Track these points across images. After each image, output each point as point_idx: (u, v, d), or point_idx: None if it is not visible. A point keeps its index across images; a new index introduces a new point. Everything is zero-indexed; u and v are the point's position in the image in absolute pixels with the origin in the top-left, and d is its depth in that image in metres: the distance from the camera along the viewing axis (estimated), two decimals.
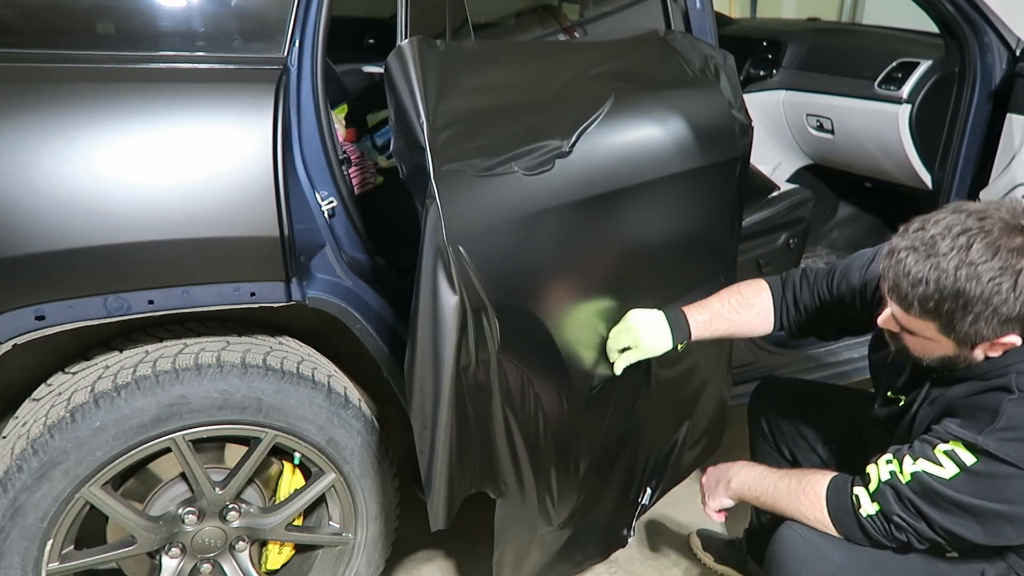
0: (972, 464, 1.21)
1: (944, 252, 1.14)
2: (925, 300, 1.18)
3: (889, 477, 1.29)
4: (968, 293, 1.13)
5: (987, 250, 1.12)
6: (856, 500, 1.32)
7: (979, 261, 1.12)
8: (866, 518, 1.30)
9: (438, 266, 1.20)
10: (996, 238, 1.12)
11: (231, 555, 1.63)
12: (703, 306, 1.60)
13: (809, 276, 1.59)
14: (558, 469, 1.56)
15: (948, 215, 1.18)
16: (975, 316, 1.15)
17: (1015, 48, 2.30)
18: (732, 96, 1.74)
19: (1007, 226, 1.13)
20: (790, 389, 1.88)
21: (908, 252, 1.18)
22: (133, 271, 1.32)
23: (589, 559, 1.90)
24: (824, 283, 1.57)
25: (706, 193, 1.73)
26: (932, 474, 1.24)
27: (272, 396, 1.49)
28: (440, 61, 1.24)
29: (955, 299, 1.15)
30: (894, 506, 1.27)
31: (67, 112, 1.26)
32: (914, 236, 1.19)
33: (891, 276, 1.21)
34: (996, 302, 1.13)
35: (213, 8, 1.46)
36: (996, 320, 1.15)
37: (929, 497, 1.24)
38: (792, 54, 2.96)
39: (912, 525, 1.27)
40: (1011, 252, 1.12)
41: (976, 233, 1.13)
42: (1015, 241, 1.12)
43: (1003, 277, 1.12)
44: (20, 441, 1.38)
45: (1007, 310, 1.14)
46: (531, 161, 1.32)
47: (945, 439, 1.25)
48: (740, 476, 1.51)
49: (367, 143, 2.11)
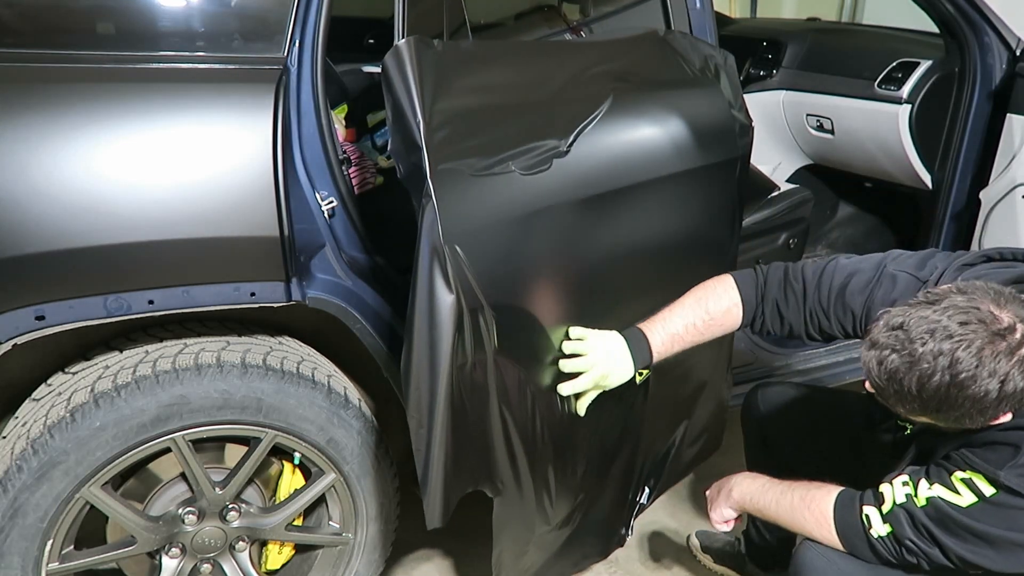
0: (992, 495, 1.20)
1: (927, 361, 1.12)
2: (906, 403, 1.18)
3: (905, 500, 1.26)
4: (951, 401, 1.14)
5: (972, 359, 1.10)
6: (867, 520, 1.29)
7: (963, 371, 1.11)
8: (876, 539, 1.28)
9: (434, 265, 1.20)
10: (980, 347, 1.11)
11: (231, 555, 1.63)
12: (664, 327, 1.47)
13: (796, 289, 1.46)
14: (555, 468, 1.56)
15: (929, 312, 1.15)
16: (960, 415, 1.16)
17: (1015, 48, 2.30)
18: (732, 96, 1.74)
19: (989, 332, 1.11)
20: (782, 394, 1.86)
21: (890, 352, 1.16)
22: (133, 271, 1.32)
23: (588, 558, 1.90)
24: (816, 301, 1.44)
25: (706, 193, 1.73)
26: (948, 501, 1.22)
27: (272, 396, 1.49)
28: (437, 61, 1.24)
29: (939, 404, 1.15)
30: (907, 530, 1.25)
31: (67, 112, 1.26)
32: (894, 335, 1.16)
33: (874, 376, 1.20)
34: (981, 406, 1.13)
35: (213, 8, 1.46)
36: (982, 418, 1.16)
37: (944, 524, 1.23)
38: (792, 54, 2.96)
39: (924, 551, 1.25)
40: (995, 359, 1.10)
41: (959, 341, 1.11)
42: (999, 347, 1.11)
43: (989, 384, 1.11)
44: (20, 441, 1.38)
45: (993, 410, 1.14)
46: (528, 161, 1.32)
47: (963, 468, 1.24)
48: (742, 487, 1.50)
49: (367, 143, 2.11)
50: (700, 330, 1.48)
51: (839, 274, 1.43)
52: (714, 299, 1.50)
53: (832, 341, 1.56)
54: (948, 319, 1.13)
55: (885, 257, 1.42)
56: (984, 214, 2.32)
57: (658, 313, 1.51)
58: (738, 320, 1.51)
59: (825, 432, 1.74)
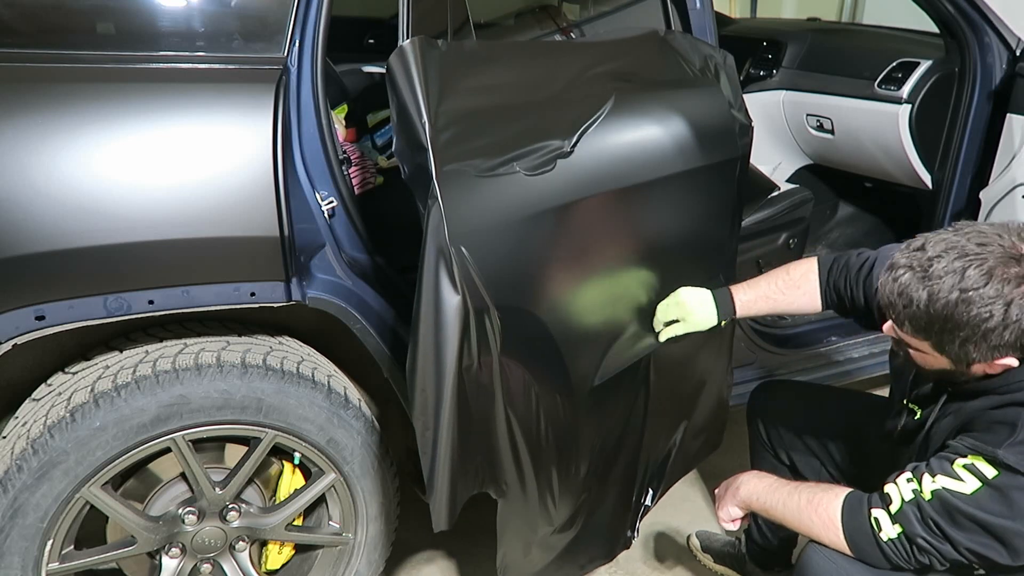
0: (993, 477, 1.20)
1: (939, 275, 1.15)
2: (916, 320, 1.20)
3: (912, 496, 1.25)
4: (957, 319, 1.15)
5: (981, 277, 1.12)
6: (876, 523, 1.28)
7: (971, 287, 1.12)
8: (887, 542, 1.27)
9: (440, 266, 1.19)
10: (992, 266, 1.12)
11: (231, 555, 1.63)
12: (750, 286, 1.64)
13: (852, 266, 1.55)
14: (559, 470, 1.56)
15: (951, 235, 1.18)
16: (963, 340, 1.17)
17: (1015, 48, 2.31)
18: (732, 96, 1.74)
19: (1005, 254, 1.13)
20: (787, 393, 1.87)
21: (905, 270, 1.19)
22: (133, 271, 1.32)
23: (594, 561, 1.90)
24: (857, 277, 1.53)
25: (706, 193, 1.73)
26: (953, 490, 1.22)
27: (272, 396, 1.49)
28: (442, 61, 1.24)
29: (944, 323, 1.16)
30: (917, 527, 1.24)
31: (67, 112, 1.26)
32: (912, 255, 1.19)
33: (886, 293, 1.23)
34: (985, 329, 1.14)
35: (213, 8, 1.46)
36: (986, 345, 1.16)
37: (952, 516, 1.22)
38: (792, 54, 2.96)
39: (936, 547, 1.23)
40: (1005, 281, 1.11)
41: (973, 259, 1.13)
42: (1011, 270, 1.12)
43: (994, 305, 1.12)
44: (20, 441, 1.38)
45: (996, 337, 1.15)
46: (533, 161, 1.32)
47: (964, 454, 1.24)
48: (749, 486, 1.49)
49: (367, 143, 2.11)
50: (782, 290, 1.61)
51: (876, 255, 1.52)
52: (795, 266, 1.64)
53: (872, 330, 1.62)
54: (967, 240, 1.16)
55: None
56: (984, 214, 2.33)
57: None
58: (815, 286, 1.60)
59: (830, 429, 1.74)
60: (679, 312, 1.62)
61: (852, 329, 2.42)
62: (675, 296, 1.63)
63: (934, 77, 2.47)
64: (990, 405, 1.26)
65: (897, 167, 2.64)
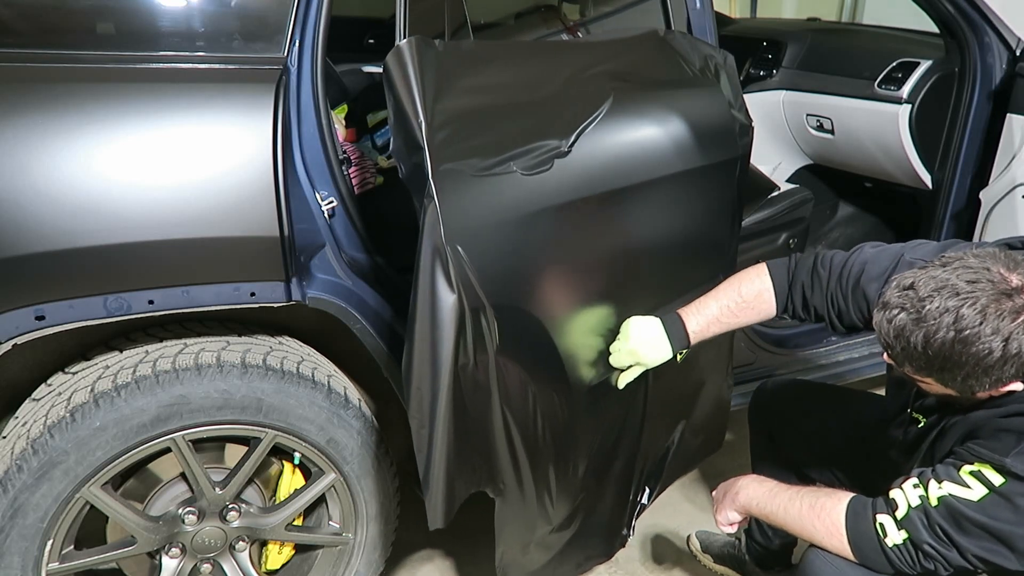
0: (1000, 485, 1.19)
1: (934, 317, 1.14)
2: (915, 361, 1.20)
3: (919, 502, 1.25)
4: (956, 358, 1.14)
5: (976, 316, 1.12)
6: (881, 528, 1.27)
7: (967, 327, 1.12)
8: (892, 548, 1.26)
9: (436, 265, 1.20)
10: (985, 304, 1.12)
11: (231, 555, 1.63)
12: (699, 310, 1.57)
13: (821, 275, 1.50)
14: (557, 469, 1.56)
15: (940, 272, 1.17)
16: (966, 375, 1.16)
17: (1015, 48, 2.30)
18: (732, 96, 1.74)
19: (995, 289, 1.13)
20: (791, 392, 1.86)
21: (899, 311, 1.18)
22: (133, 271, 1.32)
23: (592, 559, 1.90)
24: (838, 287, 1.47)
25: (706, 193, 1.73)
26: (960, 497, 1.21)
27: (272, 396, 1.49)
28: (439, 61, 1.24)
29: (944, 362, 1.16)
30: (923, 533, 1.23)
31: (67, 112, 1.26)
32: (905, 295, 1.18)
33: (882, 334, 1.21)
34: (986, 365, 1.14)
35: (213, 8, 1.46)
36: (988, 380, 1.16)
37: (958, 523, 1.21)
38: (792, 54, 2.96)
39: (942, 553, 1.23)
40: (1000, 316, 1.11)
41: (966, 297, 1.13)
42: (1005, 305, 1.12)
43: (993, 342, 1.12)
44: (20, 441, 1.38)
45: (997, 371, 1.15)
46: (530, 161, 1.32)
47: (970, 461, 1.23)
48: (748, 491, 1.48)
49: (367, 143, 2.11)
50: (735, 312, 1.55)
51: (859, 262, 1.45)
52: (747, 284, 1.56)
53: (855, 332, 1.59)
54: (957, 278, 1.15)
55: (905, 247, 1.44)
56: (984, 214, 2.33)
57: (696, 300, 1.59)
58: (771, 305, 1.55)
59: (834, 429, 1.73)
60: (631, 358, 1.56)
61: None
62: (624, 339, 1.56)
63: (934, 77, 2.47)
64: (997, 414, 1.25)
65: (897, 167, 2.64)
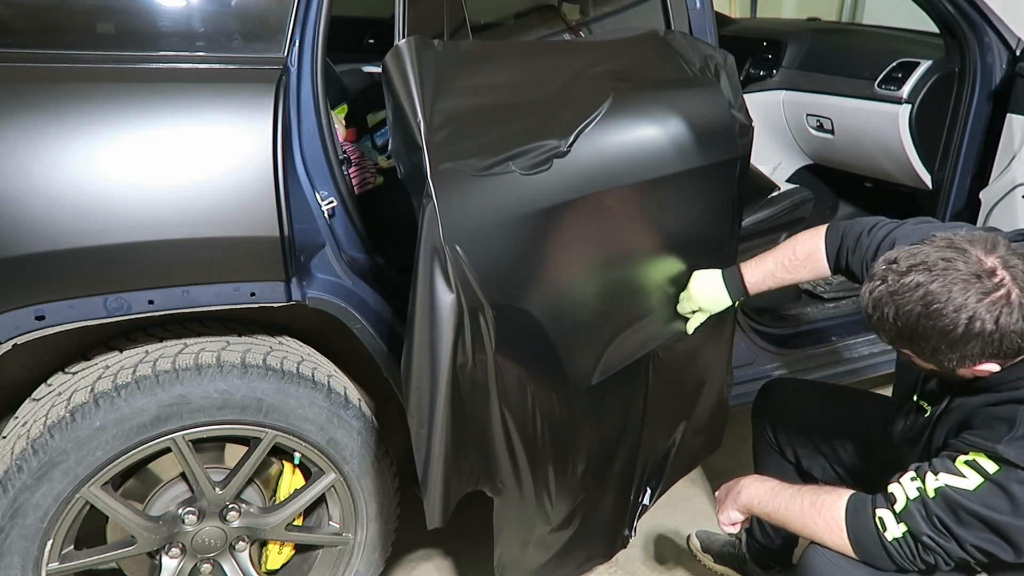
0: (994, 472, 1.20)
1: (906, 291, 1.18)
2: (887, 332, 1.24)
3: (917, 495, 1.26)
4: (922, 331, 1.18)
5: (943, 292, 1.15)
6: (880, 523, 1.28)
7: (934, 303, 1.15)
8: (892, 542, 1.27)
9: (435, 265, 1.20)
10: (953, 282, 1.15)
11: (231, 555, 1.63)
12: (757, 264, 1.68)
13: (863, 243, 1.54)
14: (556, 468, 1.56)
15: (924, 247, 1.21)
16: (933, 349, 1.20)
17: (1015, 48, 2.31)
18: (732, 96, 1.74)
19: (969, 269, 1.15)
20: (794, 391, 1.86)
21: (879, 282, 1.22)
22: (133, 271, 1.32)
23: (592, 560, 1.90)
24: (871, 258, 1.51)
25: (706, 193, 1.73)
26: (956, 487, 1.22)
27: (272, 396, 1.49)
28: (437, 61, 1.24)
29: (912, 334, 1.20)
30: (923, 525, 1.24)
31: (67, 112, 1.26)
32: (888, 268, 1.22)
33: (864, 304, 1.26)
34: (950, 340, 1.17)
35: (213, 8, 1.46)
36: (956, 355, 1.19)
37: (956, 513, 1.22)
38: (792, 54, 2.97)
39: (942, 545, 1.23)
40: (965, 295, 1.14)
41: (938, 274, 1.16)
42: (973, 286, 1.14)
43: (957, 318, 1.14)
44: (20, 441, 1.38)
45: (962, 349, 1.17)
46: (529, 161, 1.32)
47: (965, 451, 1.24)
48: (750, 490, 1.48)
49: (367, 143, 2.11)
50: (788, 269, 1.64)
51: (895, 237, 1.50)
52: (802, 243, 1.65)
53: None
54: (937, 255, 1.18)
55: (942, 226, 1.47)
56: (984, 214, 2.33)
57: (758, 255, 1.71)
58: (823, 265, 1.62)
59: (837, 428, 1.74)
60: (692, 304, 1.71)
61: (852, 329, 2.43)
62: (688, 290, 1.72)
63: (934, 77, 2.47)
64: (990, 402, 1.27)
65: (897, 167, 2.64)
